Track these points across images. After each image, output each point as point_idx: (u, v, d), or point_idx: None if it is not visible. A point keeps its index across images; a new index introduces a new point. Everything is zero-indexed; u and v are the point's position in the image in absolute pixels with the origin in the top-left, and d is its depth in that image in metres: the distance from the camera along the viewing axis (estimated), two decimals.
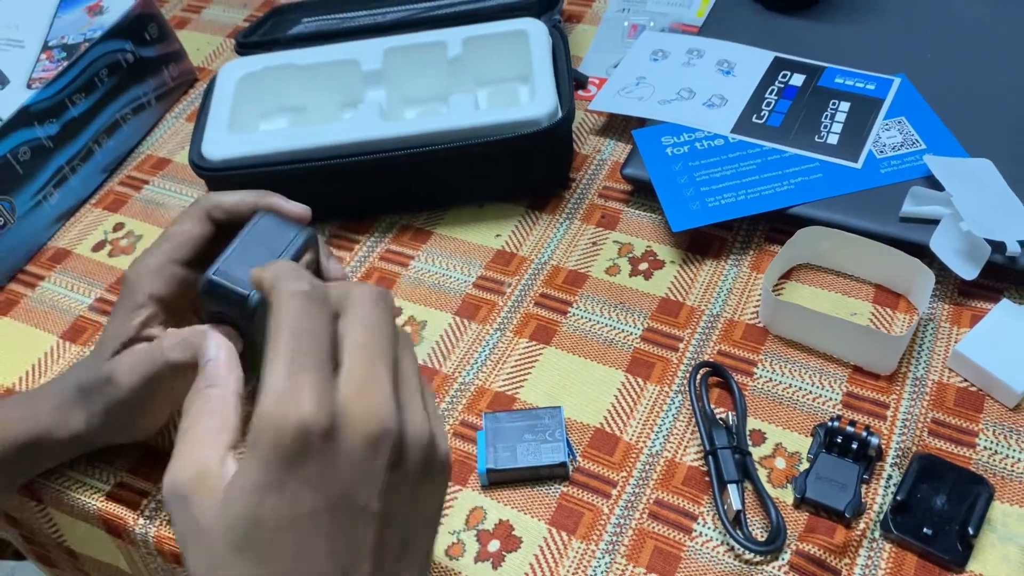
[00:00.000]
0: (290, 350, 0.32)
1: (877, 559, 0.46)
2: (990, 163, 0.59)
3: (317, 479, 0.31)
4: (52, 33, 0.72)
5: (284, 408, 0.31)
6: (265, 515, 0.31)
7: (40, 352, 0.61)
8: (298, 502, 0.31)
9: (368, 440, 0.32)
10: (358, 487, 0.32)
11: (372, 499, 0.32)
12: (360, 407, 0.32)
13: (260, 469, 0.31)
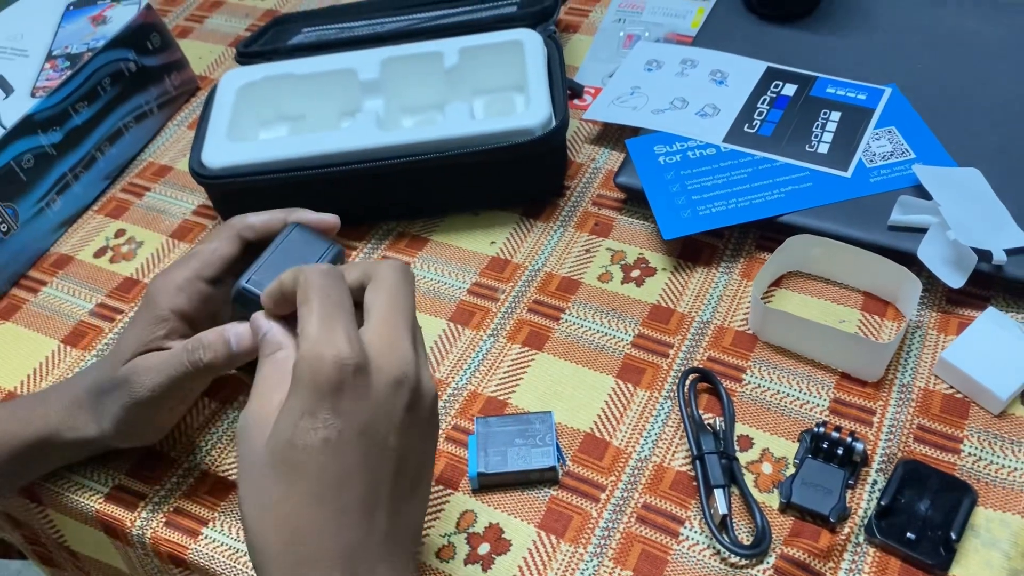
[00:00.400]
0: (321, 306, 0.37)
1: (861, 563, 0.47)
2: (978, 172, 0.60)
3: (348, 409, 0.36)
4: (56, 43, 0.73)
5: (321, 348, 0.36)
6: (300, 438, 0.35)
7: (41, 356, 0.62)
8: (329, 428, 0.35)
9: (392, 381, 0.37)
10: (381, 422, 0.36)
11: (391, 434, 0.37)
12: (386, 352, 0.37)
13: (300, 400, 0.36)
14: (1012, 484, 0.49)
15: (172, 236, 0.69)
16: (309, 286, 0.38)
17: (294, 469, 0.36)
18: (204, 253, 0.49)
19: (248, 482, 0.37)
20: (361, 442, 0.36)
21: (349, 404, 0.36)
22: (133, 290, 0.66)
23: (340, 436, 0.36)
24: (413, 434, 0.38)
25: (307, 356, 0.36)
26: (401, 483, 0.38)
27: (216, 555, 0.50)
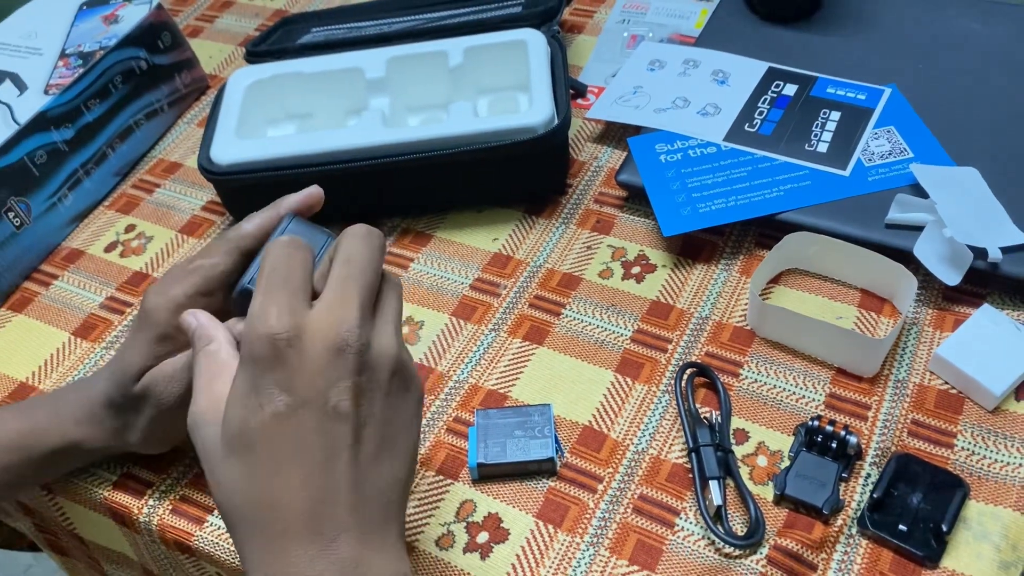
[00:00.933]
0: (265, 283, 0.39)
1: (853, 554, 0.47)
2: (976, 172, 0.61)
3: (286, 381, 0.36)
4: (69, 41, 0.75)
5: (255, 325, 0.37)
6: (248, 417, 0.37)
7: (52, 348, 0.63)
8: (275, 402, 0.36)
9: (329, 348, 0.37)
10: (327, 390, 0.37)
11: (343, 401, 0.37)
12: (323, 321, 0.37)
13: (242, 378, 0.37)
14: (1004, 478, 0.49)
15: (181, 231, 0.71)
16: (264, 263, 0.40)
17: (250, 448, 0.37)
18: (204, 269, 0.49)
19: (212, 471, 0.38)
20: (308, 412, 0.36)
21: (289, 376, 0.36)
22: (142, 284, 0.67)
23: (288, 408, 0.36)
24: (371, 400, 0.38)
25: (246, 335, 0.37)
26: (361, 450, 0.38)
27: (220, 542, 0.51)
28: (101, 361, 0.62)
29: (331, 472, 0.37)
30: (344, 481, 0.37)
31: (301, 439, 0.36)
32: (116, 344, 0.63)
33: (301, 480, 0.36)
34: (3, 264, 0.66)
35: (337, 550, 0.36)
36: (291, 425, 0.36)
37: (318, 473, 0.37)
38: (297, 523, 0.36)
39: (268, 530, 0.36)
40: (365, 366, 0.38)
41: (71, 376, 0.61)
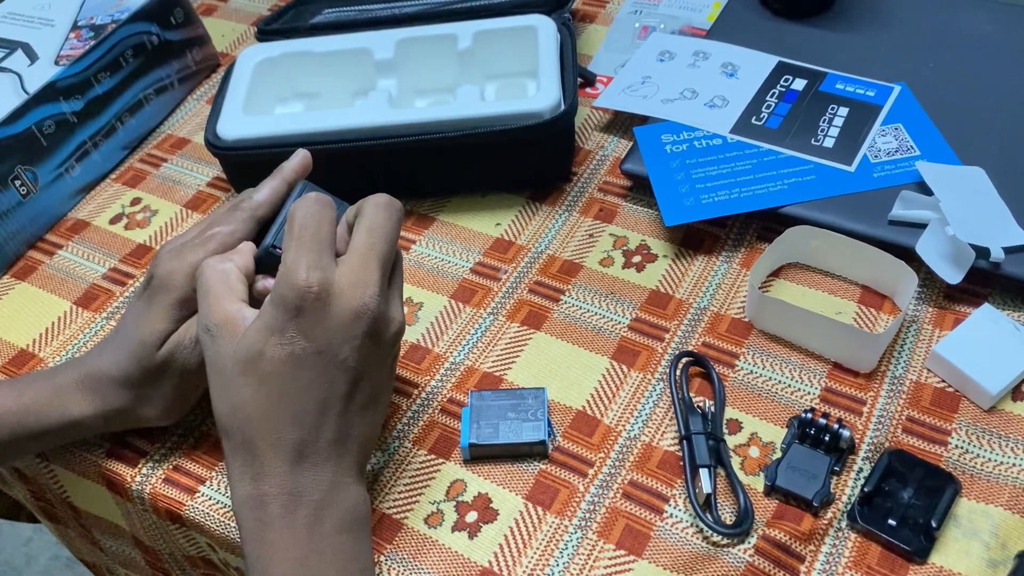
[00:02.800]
0: (297, 238, 0.43)
1: (842, 547, 0.47)
2: (982, 171, 0.61)
3: (309, 330, 0.42)
4: (82, 13, 0.75)
5: (289, 274, 0.42)
6: (267, 350, 0.42)
7: (53, 317, 0.64)
8: (293, 343, 0.42)
9: (352, 311, 0.42)
10: (341, 345, 0.42)
11: (351, 357, 0.43)
12: (348, 284, 0.43)
13: (271, 316, 0.42)
14: (997, 477, 0.49)
15: (186, 206, 0.71)
16: (294, 220, 0.44)
17: (261, 376, 0.42)
18: (223, 236, 0.50)
19: (219, 382, 0.43)
20: (320, 360, 0.42)
21: (310, 326, 0.42)
22: (146, 256, 0.67)
23: (303, 352, 0.42)
24: (372, 359, 0.44)
25: (279, 280, 0.42)
26: (355, 399, 0.44)
27: (212, 512, 0.51)
28: (102, 331, 0.62)
29: (326, 414, 0.43)
30: (333, 423, 0.43)
31: (308, 379, 0.42)
32: (117, 315, 0.63)
33: (299, 413, 0.42)
34: (8, 232, 0.67)
35: (317, 473, 0.43)
36: (303, 366, 0.42)
37: (314, 413, 0.42)
38: (286, 447, 0.42)
39: (259, 448, 0.42)
40: (375, 331, 0.43)
41: (71, 344, 0.62)
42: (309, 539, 0.42)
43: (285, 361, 0.42)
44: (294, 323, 0.42)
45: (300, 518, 0.42)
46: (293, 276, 0.42)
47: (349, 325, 0.42)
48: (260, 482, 0.42)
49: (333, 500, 0.43)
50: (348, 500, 0.44)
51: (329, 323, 0.42)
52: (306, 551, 0.41)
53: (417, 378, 0.57)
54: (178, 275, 0.49)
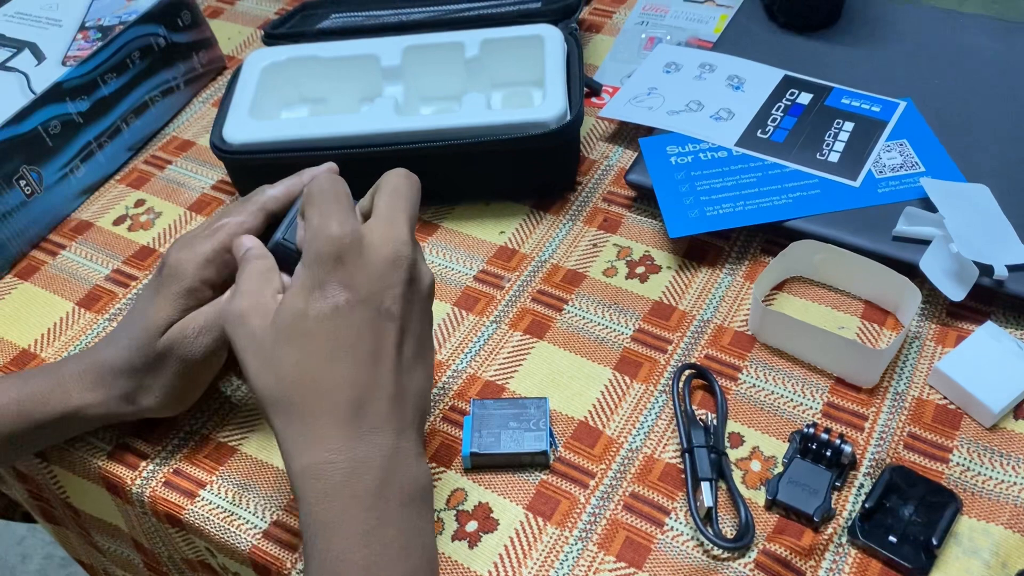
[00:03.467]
0: (321, 201, 0.43)
1: (842, 563, 0.47)
2: (986, 189, 0.61)
3: (350, 280, 0.41)
4: (89, 14, 0.75)
5: (320, 231, 0.42)
6: (310, 308, 0.41)
7: (56, 317, 0.64)
8: (335, 296, 0.41)
9: (388, 259, 0.42)
10: (382, 293, 0.42)
11: (394, 304, 0.42)
12: (380, 233, 0.43)
13: (307, 276, 0.42)
14: (998, 496, 0.49)
15: (190, 208, 0.71)
16: (311, 191, 0.44)
17: (307, 336, 0.41)
18: (231, 226, 0.50)
19: (259, 359, 0.42)
20: (365, 309, 0.41)
21: (351, 276, 0.41)
22: (149, 258, 0.67)
23: (347, 303, 0.41)
24: (413, 308, 0.43)
25: (310, 241, 0.42)
26: (404, 351, 0.43)
27: (211, 517, 0.51)
28: (103, 332, 0.62)
29: (379, 366, 0.41)
30: (388, 377, 0.42)
31: (356, 333, 0.41)
32: (119, 316, 0.63)
33: (352, 369, 0.41)
34: (12, 231, 0.67)
35: (378, 438, 0.41)
36: (348, 319, 0.41)
37: (367, 365, 0.41)
38: (344, 408, 0.40)
39: (314, 414, 0.40)
40: (412, 280, 0.43)
41: (73, 345, 0.62)
42: (373, 510, 0.40)
43: (329, 316, 0.41)
44: (333, 275, 0.41)
45: (364, 486, 0.40)
46: (326, 230, 0.42)
47: (387, 272, 0.42)
48: (319, 450, 0.40)
49: (396, 468, 0.41)
50: (411, 470, 0.42)
51: (368, 271, 0.42)
52: (369, 525, 0.39)
53: None
54: (187, 264, 0.49)
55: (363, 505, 0.39)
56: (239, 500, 0.52)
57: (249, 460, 0.54)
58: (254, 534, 0.50)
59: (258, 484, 0.53)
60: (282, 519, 0.51)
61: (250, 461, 0.54)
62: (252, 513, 0.51)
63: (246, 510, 0.51)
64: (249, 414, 0.56)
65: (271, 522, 0.51)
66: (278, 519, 0.51)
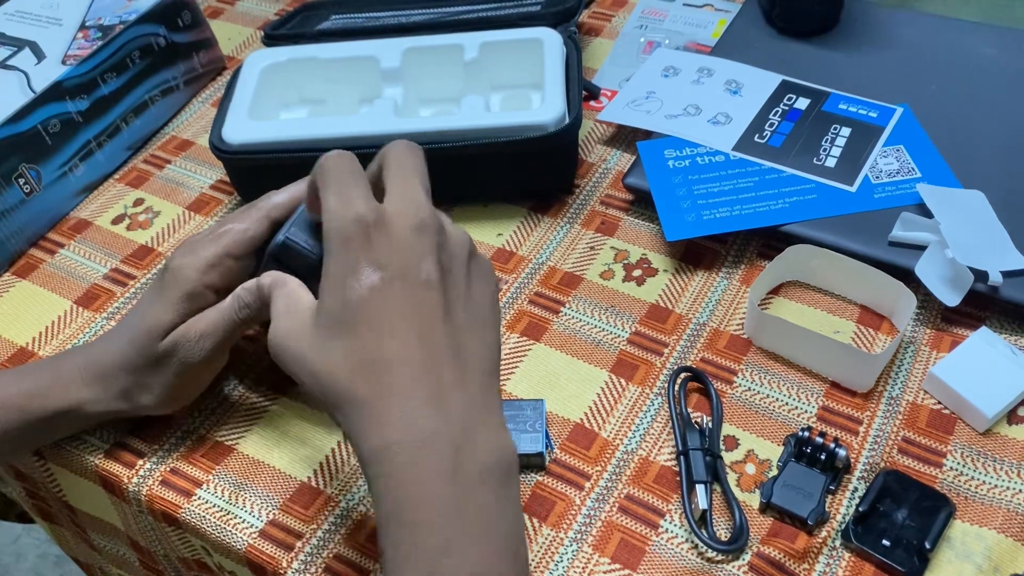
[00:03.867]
0: (335, 182, 0.42)
1: (835, 567, 0.48)
2: (982, 195, 0.61)
3: (381, 257, 0.40)
4: (90, 14, 0.75)
5: (341, 214, 0.40)
6: (348, 296, 0.39)
7: (54, 316, 0.64)
8: (369, 278, 0.39)
9: (413, 227, 0.40)
10: (417, 263, 0.40)
11: (431, 272, 0.40)
12: (400, 205, 0.41)
13: (334, 265, 0.40)
14: (991, 500, 0.49)
15: (188, 208, 0.71)
16: (323, 171, 0.43)
17: (352, 324, 0.39)
18: (235, 232, 0.51)
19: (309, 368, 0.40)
20: (403, 284, 0.40)
21: (381, 253, 0.40)
22: (147, 257, 0.67)
23: (383, 281, 0.39)
24: (454, 272, 0.41)
25: (332, 227, 0.40)
26: (454, 319, 0.40)
27: (208, 516, 0.52)
28: (101, 331, 0.62)
29: (431, 336, 0.39)
30: (443, 345, 0.39)
31: (399, 309, 0.39)
32: (117, 315, 0.63)
33: (402, 346, 0.39)
34: (10, 229, 0.67)
35: (447, 408, 0.38)
36: (388, 296, 0.39)
37: (419, 338, 0.39)
38: (407, 383, 0.38)
39: (373, 399, 0.38)
40: (444, 245, 0.41)
41: (71, 344, 0.62)
42: (447, 489, 0.37)
43: (368, 300, 0.39)
44: (364, 257, 0.39)
45: (434, 464, 0.37)
46: (349, 211, 0.40)
47: (416, 241, 0.40)
48: (383, 433, 0.38)
49: (469, 441, 0.38)
50: (488, 443, 0.39)
51: (397, 244, 0.40)
52: (445, 505, 0.37)
53: None
54: (189, 269, 0.49)
55: (436, 484, 0.37)
56: (236, 499, 0.52)
57: (246, 459, 0.54)
58: (250, 533, 0.51)
59: (255, 483, 0.53)
60: (278, 518, 0.51)
61: (247, 460, 0.54)
62: (248, 512, 0.51)
63: (242, 509, 0.52)
64: (247, 414, 0.56)
65: (267, 521, 0.51)
66: (274, 518, 0.51)
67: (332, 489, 0.52)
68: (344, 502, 0.52)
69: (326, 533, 0.50)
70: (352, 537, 0.50)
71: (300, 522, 0.51)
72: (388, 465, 0.38)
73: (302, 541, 0.50)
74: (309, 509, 0.51)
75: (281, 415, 0.56)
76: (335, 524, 0.51)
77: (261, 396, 0.57)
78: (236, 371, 0.59)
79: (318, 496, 0.52)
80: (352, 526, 0.51)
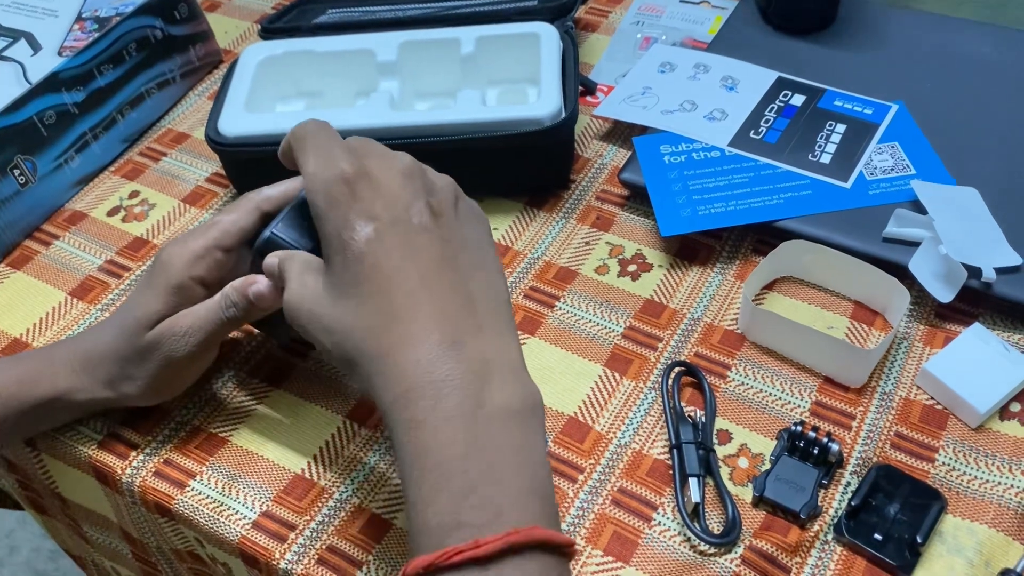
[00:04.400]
0: (312, 144, 0.42)
1: (827, 560, 0.48)
2: (976, 192, 0.61)
3: (368, 210, 0.40)
4: (86, 5, 0.75)
5: (324, 173, 0.40)
6: (347, 252, 0.39)
7: (48, 307, 0.64)
8: (363, 230, 0.39)
9: (397, 175, 0.41)
10: (407, 208, 0.40)
11: (423, 217, 0.40)
12: (381, 157, 0.42)
13: (330, 224, 0.40)
14: (983, 495, 0.49)
15: (184, 201, 0.71)
16: (298, 137, 0.43)
17: (356, 281, 0.39)
18: (224, 224, 0.51)
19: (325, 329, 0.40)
20: (397, 231, 0.40)
21: (370, 205, 0.40)
22: (142, 249, 0.67)
23: (377, 232, 0.39)
24: (446, 216, 0.41)
25: (316, 186, 0.41)
26: (456, 261, 0.40)
27: (201, 507, 0.52)
28: (96, 322, 0.62)
29: (436, 281, 0.39)
30: (448, 289, 0.39)
31: (397, 258, 0.39)
32: (112, 307, 0.63)
33: (410, 291, 0.39)
34: (5, 221, 0.67)
35: (463, 351, 0.38)
36: (385, 246, 0.39)
37: (423, 283, 0.39)
38: (419, 330, 0.38)
39: (386, 350, 0.38)
40: (432, 189, 0.42)
41: (65, 335, 0.62)
42: (468, 431, 0.36)
43: (366, 252, 0.39)
44: (354, 210, 0.40)
45: (452, 407, 0.37)
46: (330, 170, 0.40)
47: (403, 186, 0.40)
48: (400, 382, 0.37)
49: (487, 384, 0.38)
50: (507, 384, 0.38)
51: (384, 192, 0.40)
52: (466, 447, 0.36)
53: None
54: (177, 260, 0.50)
55: (455, 427, 0.36)
56: (229, 491, 0.52)
57: (239, 451, 0.54)
58: (243, 524, 0.51)
59: (248, 475, 0.53)
60: (272, 510, 0.51)
61: (240, 452, 0.54)
62: (242, 504, 0.51)
63: (236, 501, 0.52)
64: (240, 405, 0.56)
65: (261, 513, 0.51)
66: (268, 510, 0.51)
67: (325, 481, 0.52)
68: (337, 494, 0.52)
69: (319, 525, 0.50)
70: (345, 529, 0.50)
71: (293, 514, 0.51)
72: (410, 411, 0.37)
73: (295, 532, 0.50)
74: (302, 501, 0.51)
75: (275, 407, 0.56)
76: (328, 516, 0.51)
77: (255, 388, 0.57)
78: (230, 363, 0.59)
79: (311, 488, 0.52)
80: (345, 518, 0.51)
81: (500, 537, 0.34)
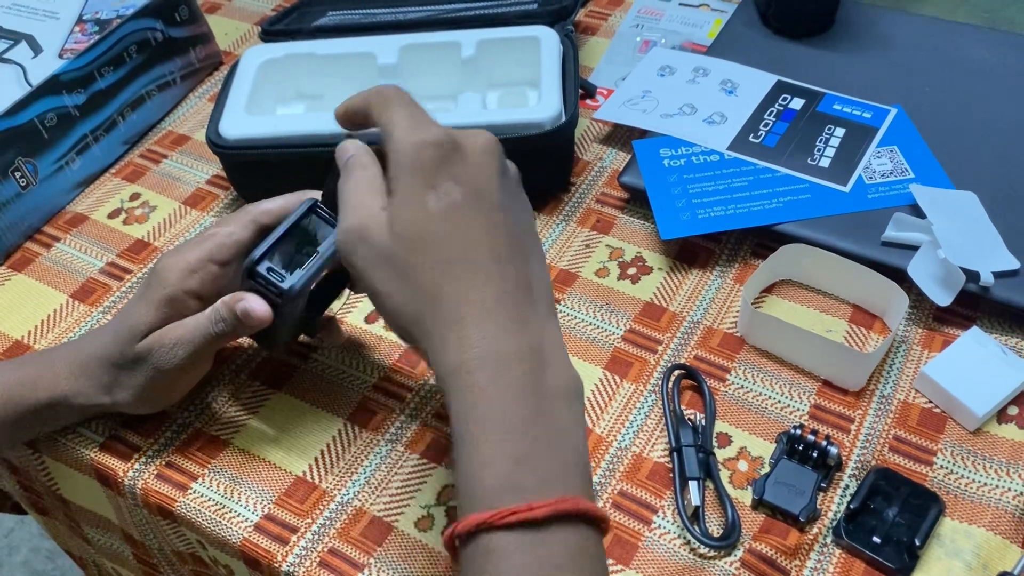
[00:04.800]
0: (405, 107, 0.42)
1: (827, 563, 0.48)
2: (974, 196, 0.61)
3: (460, 174, 0.40)
4: (87, 7, 0.75)
5: (420, 135, 0.40)
6: (430, 211, 0.40)
7: (49, 309, 0.64)
8: (452, 194, 0.40)
9: (484, 149, 0.42)
10: (488, 182, 0.41)
11: (495, 194, 0.41)
12: (466, 131, 0.42)
13: (416, 182, 0.40)
14: (980, 498, 0.50)
15: (185, 203, 0.71)
16: (388, 95, 0.43)
17: (434, 241, 0.40)
18: (219, 236, 0.51)
19: (391, 274, 0.40)
20: (478, 201, 0.41)
21: (459, 170, 0.40)
22: (143, 252, 0.67)
23: (463, 199, 0.40)
24: (512, 196, 0.42)
25: (408, 147, 0.41)
26: (516, 240, 0.41)
27: (203, 510, 0.52)
28: (97, 325, 0.62)
29: (508, 259, 0.40)
30: (511, 268, 0.40)
31: (478, 228, 0.40)
32: (113, 309, 0.63)
33: (482, 265, 0.40)
34: (6, 223, 0.67)
35: (525, 332, 0.39)
36: (467, 215, 0.40)
37: (494, 259, 0.40)
38: (490, 304, 0.39)
39: (455, 317, 0.39)
40: (504, 168, 0.43)
41: (66, 337, 0.62)
42: (524, 402, 0.38)
43: (450, 216, 0.40)
44: (443, 173, 0.40)
45: (512, 378, 0.38)
46: (424, 135, 0.40)
47: (486, 161, 0.41)
48: (465, 348, 0.38)
49: (543, 362, 0.39)
50: (559, 367, 0.40)
51: (471, 162, 0.41)
52: (521, 417, 0.38)
53: (411, 382, 0.57)
54: (171, 272, 0.50)
55: (513, 396, 0.38)
56: (231, 493, 0.52)
57: (241, 454, 0.54)
58: (245, 527, 0.51)
59: (250, 478, 0.53)
60: (273, 512, 0.51)
61: (242, 455, 0.54)
62: (243, 506, 0.52)
63: (238, 503, 0.52)
64: (242, 408, 0.57)
65: (262, 515, 0.51)
66: (269, 512, 0.51)
67: (327, 484, 0.53)
68: (339, 497, 0.52)
69: (321, 527, 0.51)
70: (347, 531, 0.50)
71: (295, 516, 0.51)
72: (470, 379, 0.38)
73: (297, 535, 0.50)
74: (304, 503, 0.52)
75: (276, 410, 0.56)
76: (330, 518, 0.51)
77: (257, 391, 0.58)
78: (232, 366, 0.59)
79: (313, 490, 0.52)
80: (347, 521, 0.51)
81: (551, 503, 0.36)
